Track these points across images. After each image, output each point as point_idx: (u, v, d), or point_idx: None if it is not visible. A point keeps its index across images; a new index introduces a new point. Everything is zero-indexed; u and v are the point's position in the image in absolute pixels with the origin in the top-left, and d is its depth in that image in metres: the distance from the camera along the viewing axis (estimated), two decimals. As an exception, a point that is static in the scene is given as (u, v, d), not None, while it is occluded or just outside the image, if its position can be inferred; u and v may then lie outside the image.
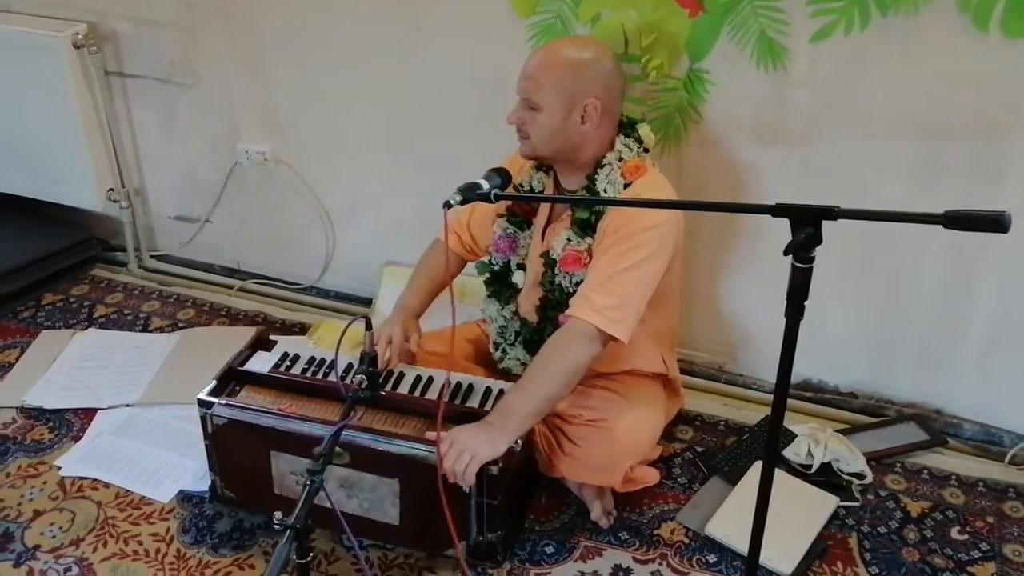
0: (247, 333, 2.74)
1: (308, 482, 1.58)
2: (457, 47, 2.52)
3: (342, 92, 2.74)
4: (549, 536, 2.14)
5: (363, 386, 1.91)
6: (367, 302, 2.97)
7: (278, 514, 1.54)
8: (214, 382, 2.09)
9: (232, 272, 3.19)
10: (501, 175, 1.88)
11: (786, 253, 1.38)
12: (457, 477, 1.83)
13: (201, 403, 2.04)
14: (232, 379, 2.14)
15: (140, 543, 2.11)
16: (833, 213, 1.36)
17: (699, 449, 2.41)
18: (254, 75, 2.82)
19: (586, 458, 2.08)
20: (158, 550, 2.10)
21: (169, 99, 2.96)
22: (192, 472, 2.28)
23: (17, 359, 2.70)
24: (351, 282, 3.05)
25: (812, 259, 1.39)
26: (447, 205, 1.77)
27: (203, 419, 2.05)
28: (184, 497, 2.23)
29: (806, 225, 1.37)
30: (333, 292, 3.08)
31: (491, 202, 1.83)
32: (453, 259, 2.29)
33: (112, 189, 3.07)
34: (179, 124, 3.00)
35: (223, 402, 2.04)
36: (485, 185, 1.81)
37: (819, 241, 1.38)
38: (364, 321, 1.92)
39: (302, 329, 2.86)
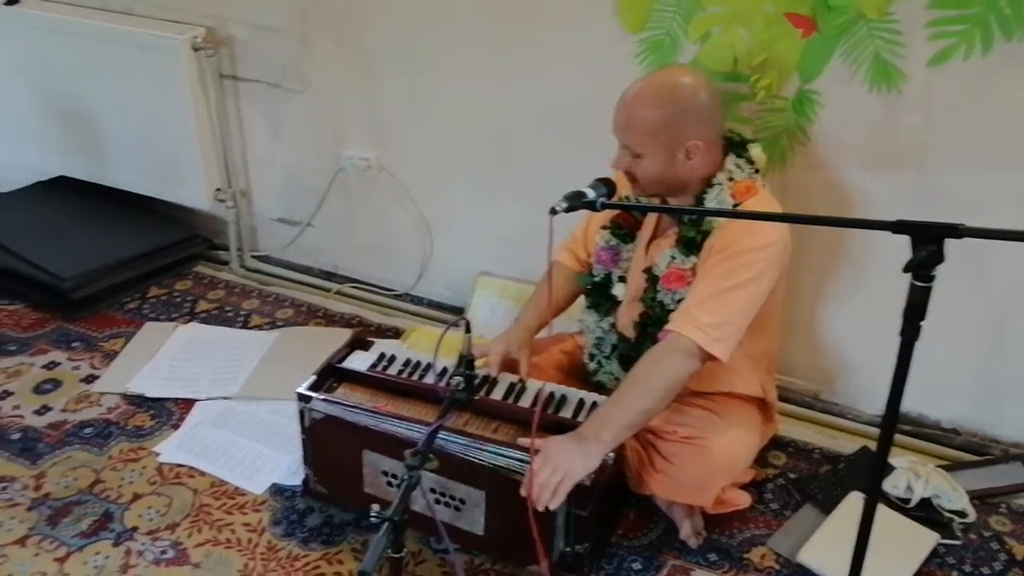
0: (343, 334, 2.79)
1: (406, 476, 1.59)
2: (563, 61, 2.54)
3: (447, 102, 2.78)
4: (637, 552, 2.12)
5: (460, 388, 1.91)
6: (459, 311, 3.00)
7: (375, 507, 1.55)
8: (313, 377, 2.13)
9: (329, 275, 3.25)
10: (607, 185, 1.89)
11: (906, 270, 1.35)
12: (545, 496, 1.80)
13: (300, 397, 2.08)
14: (330, 376, 2.17)
15: (233, 531, 2.15)
16: (958, 231, 1.32)
17: (792, 476, 2.36)
18: (362, 83, 2.88)
19: (679, 475, 2.05)
20: (250, 540, 2.14)
21: (278, 103, 3.04)
22: (285, 466, 2.32)
23: (122, 348, 2.79)
24: (444, 291, 3.08)
25: (932, 278, 1.35)
26: (553, 211, 1.77)
27: (301, 413, 2.09)
28: (277, 490, 2.27)
29: (928, 243, 1.34)
30: (426, 300, 3.11)
31: (596, 210, 1.83)
32: (568, 275, 2.30)
33: (219, 189, 3.16)
34: (286, 128, 3.08)
35: (321, 397, 2.07)
36: (591, 194, 1.82)
37: (941, 259, 1.34)
38: (464, 324, 1.93)
39: (396, 334, 2.89)
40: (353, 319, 2.97)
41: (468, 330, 1.94)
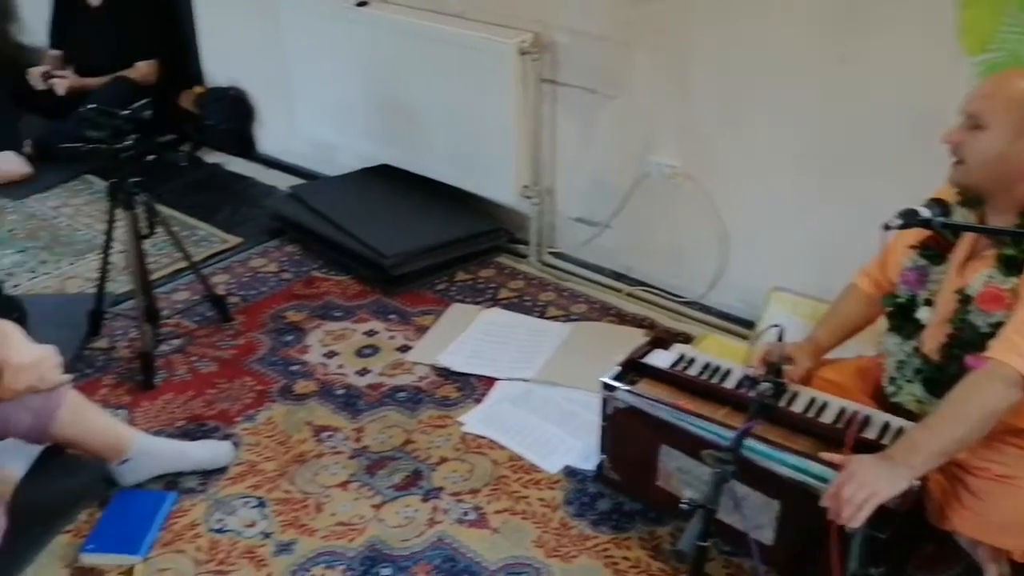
0: (635, 333, 2.88)
1: (719, 470, 1.64)
2: (886, 81, 2.49)
3: (761, 116, 2.80)
4: (933, 588, 2.05)
5: (769, 395, 1.94)
6: (749, 324, 3.00)
7: (687, 494, 1.61)
8: (618, 368, 2.22)
9: (619, 276, 3.35)
10: (940, 205, 1.84)
11: None
12: (850, 511, 1.78)
13: (605, 386, 2.18)
14: (632, 369, 2.25)
15: (528, 504, 2.29)
16: None
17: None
18: (676, 92, 2.95)
19: (988, 514, 1.96)
20: (544, 514, 2.26)
21: (592, 108, 3.18)
22: (578, 451, 2.44)
23: (432, 324, 3.02)
24: (735, 302, 3.09)
25: None
26: (886, 228, 1.76)
27: (604, 401, 2.19)
28: (569, 472, 2.39)
29: None
30: (716, 309, 3.13)
31: (931, 229, 1.80)
32: (864, 297, 2.27)
33: (527, 186, 3.34)
34: (597, 132, 3.21)
35: (626, 388, 2.16)
36: (926, 212, 1.79)
37: None
38: (777, 331, 1.95)
39: (686, 340, 2.93)
40: (644, 320, 3.05)
41: (781, 338, 1.96)
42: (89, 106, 2.69)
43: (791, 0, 2.63)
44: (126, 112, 2.64)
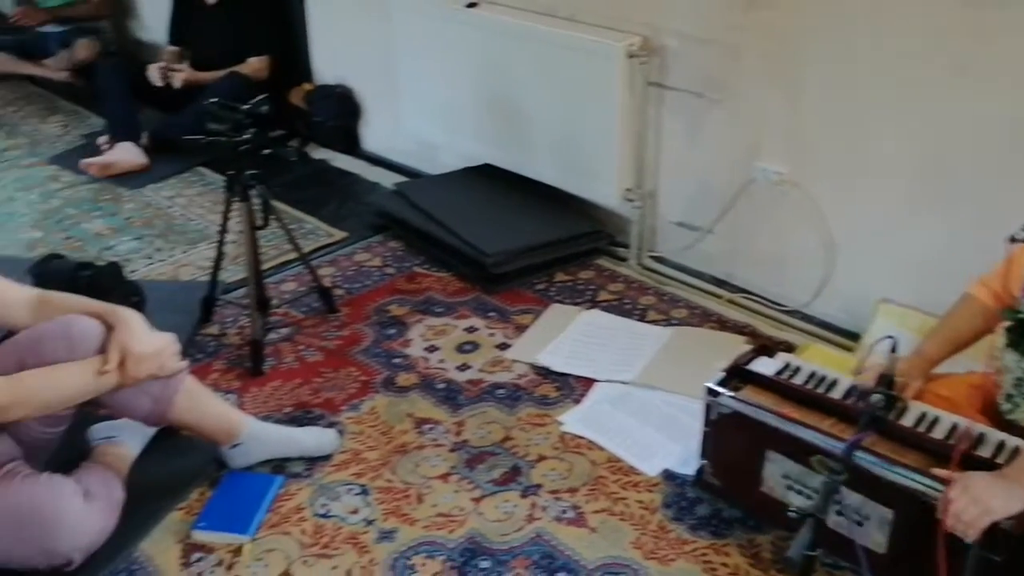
0: (736, 341, 2.86)
1: (830, 479, 1.62)
2: (1008, 90, 2.42)
3: (873, 124, 2.75)
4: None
5: (881, 406, 1.90)
6: (852, 335, 2.94)
7: (795, 502, 1.59)
8: (722, 374, 2.21)
9: (720, 283, 3.32)
10: (1070, 220, 1.79)
11: None
12: (962, 526, 1.75)
13: (709, 391, 2.17)
14: (736, 376, 2.24)
15: (627, 506, 2.30)
16: None
17: None
18: (786, 97, 2.92)
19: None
20: (642, 516, 2.27)
21: (698, 112, 3.16)
22: (677, 455, 2.43)
23: (531, 323, 3.05)
24: (839, 313, 3.04)
25: None
26: (1012, 240, 1.72)
27: (708, 406, 2.18)
28: (668, 475, 2.39)
29: None
30: (819, 319, 3.09)
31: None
32: (980, 310, 2.21)
33: (630, 189, 3.34)
34: (702, 137, 3.20)
35: (730, 394, 2.15)
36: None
37: None
38: (890, 343, 1.92)
39: (788, 349, 2.89)
40: (745, 327, 3.02)
41: (894, 350, 1.93)
42: (211, 100, 2.79)
43: (908, 7, 2.58)
44: (246, 107, 2.73)
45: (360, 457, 2.48)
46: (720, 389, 2.16)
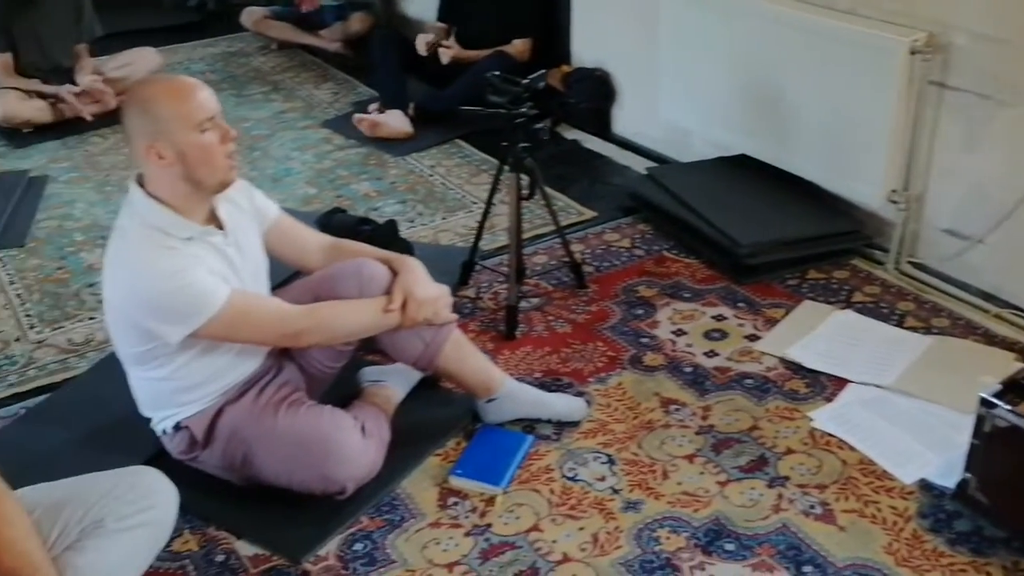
0: (1005, 357, 2.72)
1: None
2: None
3: None
4: None
5: None
6: None
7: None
8: (999, 386, 2.11)
9: (987, 296, 3.15)
10: None
11: None
12: None
13: (984, 402, 2.08)
14: (1013, 390, 2.13)
15: (879, 510, 2.24)
16: None
17: None
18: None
19: None
20: (895, 523, 2.21)
21: (982, 115, 3.00)
22: (936, 466, 2.34)
23: (782, 317, 3.01)
24: (1124, 339, 2.83)
25: None
26: None
27: (980, 418, 2.09)
28: (924, 485, 2.31)
29: None
30: (1098, 345, 2.88)
31: None
32: None
33: (895, 191, 3.22)
34: (984, 141, 3.03)
35: (1008, 407, 2.05)
36: None
37: None
38: None
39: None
40: (1015, 344, 2.86)
41: None
42: (493, 72, 2.92)
43: None
44: (526, 81, 2.84)
45: (607, 428, 2.55)
46: (997, 401, 2.07)
